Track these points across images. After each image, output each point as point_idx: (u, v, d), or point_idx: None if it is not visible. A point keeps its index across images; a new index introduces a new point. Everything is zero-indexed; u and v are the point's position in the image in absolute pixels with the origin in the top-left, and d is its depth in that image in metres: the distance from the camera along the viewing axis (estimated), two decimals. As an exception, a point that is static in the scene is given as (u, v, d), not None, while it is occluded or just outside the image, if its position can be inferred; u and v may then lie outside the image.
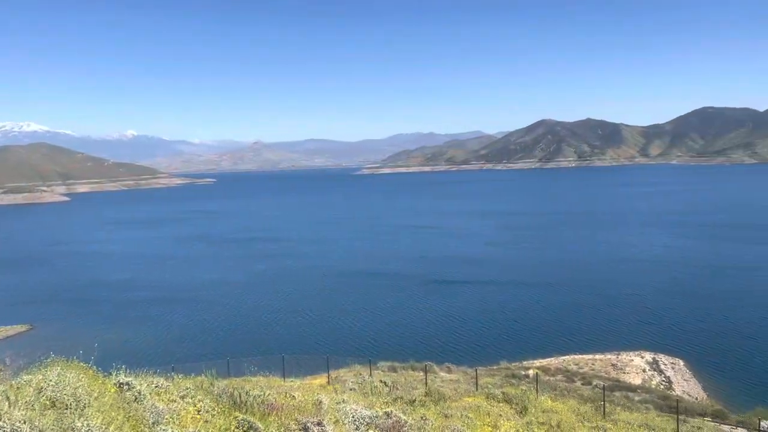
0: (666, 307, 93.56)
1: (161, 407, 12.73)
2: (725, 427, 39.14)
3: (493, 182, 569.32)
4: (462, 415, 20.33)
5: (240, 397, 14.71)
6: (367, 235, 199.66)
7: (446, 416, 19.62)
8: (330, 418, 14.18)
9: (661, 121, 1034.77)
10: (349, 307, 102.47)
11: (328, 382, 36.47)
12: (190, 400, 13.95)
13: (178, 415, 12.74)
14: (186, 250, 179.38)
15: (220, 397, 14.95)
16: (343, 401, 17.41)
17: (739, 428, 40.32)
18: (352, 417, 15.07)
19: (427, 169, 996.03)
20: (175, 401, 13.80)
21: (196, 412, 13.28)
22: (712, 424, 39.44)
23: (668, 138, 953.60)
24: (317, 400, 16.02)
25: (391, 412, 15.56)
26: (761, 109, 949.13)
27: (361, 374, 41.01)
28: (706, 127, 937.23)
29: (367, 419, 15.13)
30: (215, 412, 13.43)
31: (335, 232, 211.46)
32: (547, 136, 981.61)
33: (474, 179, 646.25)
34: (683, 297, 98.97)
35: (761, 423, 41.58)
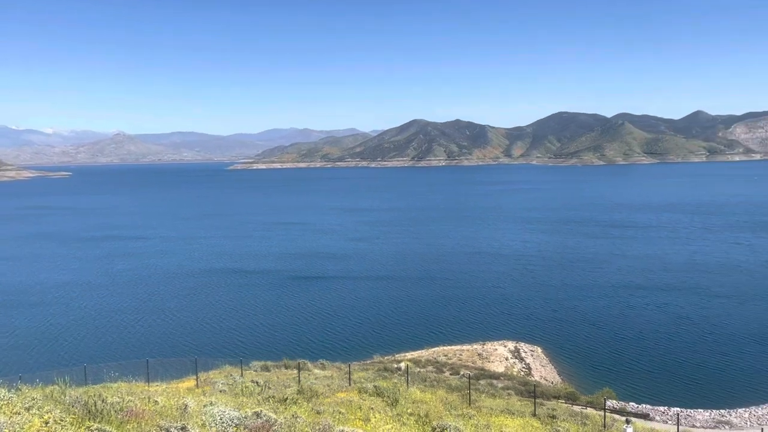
0: (525, 297, 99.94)
1: (1, 420, 11.48)
2: (576, 408, 42.33)
3: (367, 179, 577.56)
4: (334, 410, 20.31)
5: (95, 405, 13.62)
6: (237, 232, 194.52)
7: (318, 413, 19.49)
8: (195, 422, 13.54)
9: (523, 124, 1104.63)
10: (218, 307, 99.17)
11: (197, 385, 34.99)
12: (36, 412, 12.71)
13: (21, 428, 11.54)
14: (33, 250, 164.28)
15: (73, 406, 13.75)
16: (211, 403, 16.71)
17: (588, 408, 43.72)
18: (220, 419, 14.49)
19: (302, 165, 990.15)
20: (18, 414, 12.51)
21: (43, 424, 12.11)
22: (566, 405, 42.60)
23: (529, 140, 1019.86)
24: (182, 404, 15.26)
25: (261, 411, 15.15)
26: (609, 116, 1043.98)
27: (232, 375, 39.78)
28: (562, 130, 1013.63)
29: (235, 420, 14.62)
30: (65, 423, 12.32)
31: (203, 230, 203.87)
32: (419, 136, 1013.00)
33: (349, 176, 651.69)
34: (540, 288, 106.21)
35: (606, 402, 45.61)
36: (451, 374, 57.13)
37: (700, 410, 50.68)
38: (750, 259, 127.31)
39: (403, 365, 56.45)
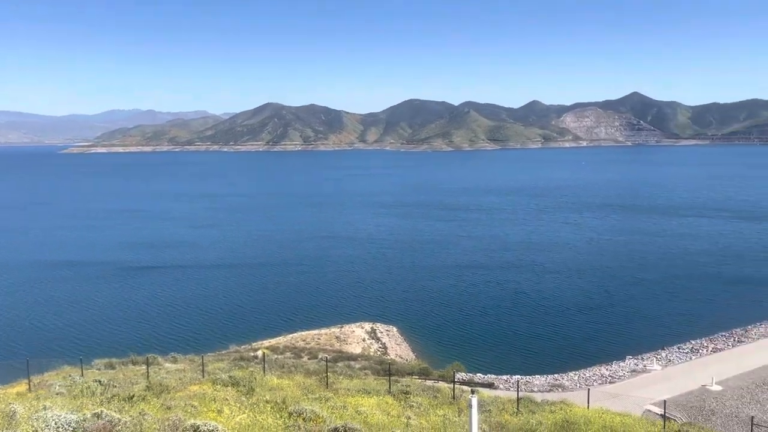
0: (380, 280, 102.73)
1: None
2: (429, 382, 44.39)
3: (219, 164, 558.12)
4: (186, 404, 19.49)
5: None
6: (72, 222, 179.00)
7: (168, 408, 18.60)
8: (25, 430, 12.28)
9: (378, 110, 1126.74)
10: (52, 303, 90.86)
11: (29, 389, 31.86)
12: None
13: None
14: None
15: None
16: (45, 408, 15.27)
17: (440, 382, 46.01)
18: (55, 424, 13.28)
19: (148, 149, 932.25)
20: None
21: None
22: (419, 381, 44.57)
23: (383, 126, 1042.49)
24: (10, 411, 13.78)
25: (102, 412, 14.12)
26: (456, 104, 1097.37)
27: (71, 376, 36.70)
28: (414, 117, 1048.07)
29: (72, 424, 13.48)
30: None
31: (31, 220, 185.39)
32: (274, 120, 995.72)
33: (199, 161, 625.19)
34: (393, 270, 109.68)
35: (456, 375, 48.31)
36: (309, 359, 57.26)
37: (537, 376, 55.43)
38: (577, 237, 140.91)
39: (260, 353, 55.60)
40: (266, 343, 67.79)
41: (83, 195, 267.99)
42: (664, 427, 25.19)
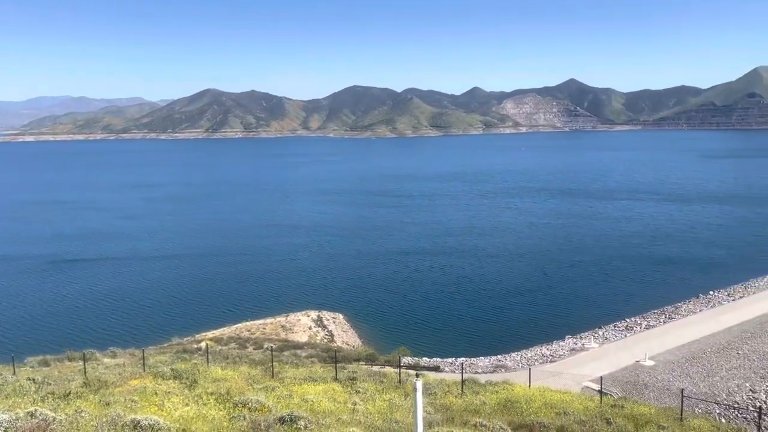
0: (325, 267, 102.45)
1: None
2: (375, 368, 44.67)
3: (157, 152, 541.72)
4: (126, 399, 18.94)
5: None
6: None
7: (107, 404, 18.02)
8: (-49, 434, 11.65)
9: (320, 97, 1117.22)
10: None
11: (-44, 391, 30.23)
12: None
13: None
14: None
15: None
16: (-28, 410, 14.51)
17: (387, 367, 46.39)
18: (-16, 426, 12.66)
19: (80, 137, 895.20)
20: None
21: None
22: (366, 367, 44.78)
23: (326, 113, 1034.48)
24: (-67, 414, 13.03)
25: (36, 410, 13.55)
26: (399, 90, 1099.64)
27: (2, 374, 35.09)
28: (357, 103, 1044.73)
29: (5, 424, 12.89)
30: None
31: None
32: (213, 106, 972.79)
33: (135, 149, 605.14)
34: (339, 257, 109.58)
35: (402, 359, 48.84)
36: (254, 349, 56.62)
37: (481, 358, 56.63)
38: (517, 221, 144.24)
39: (203, 345, 54.59)
40: (210, 334, 66.63)
41: (10, 186, 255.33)
42: (601, 402, 26.20)
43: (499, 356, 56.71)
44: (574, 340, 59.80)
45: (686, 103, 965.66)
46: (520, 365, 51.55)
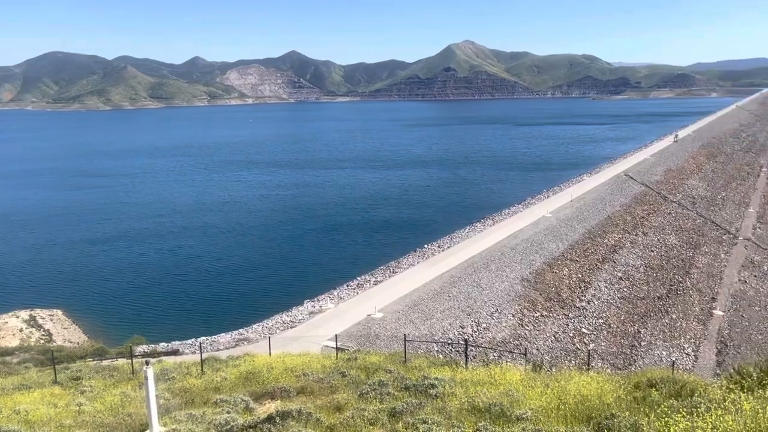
0: (34, 261, 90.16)
1: None
2: (106, 362, 41.11)
3: None
4: None
5: None
6: None
7: None
8: None
9: (11, 64, 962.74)
10: None
11: None
12: None
13: None
14: None
15: None
16: None
17: (119, 359, 43.03)
18: None
19: None
20: None
21: None
22: (94, 363, 40.89)
23: (20, 82, 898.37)
24: None
25: None
26: (110, 58, 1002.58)
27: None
28: (59, 72, 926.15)
29: None
30: None
31: None
32: None
33: None
34: (49, 248, 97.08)
35: (137, 348, 45.87)
36: (-54, 365, 47.60)
37: (222, 334, 55.81)
38: (248, 194, 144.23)
39: None
40: None
41: None
42: (337, 358, 27.97)
43: (240, 330, 56.52)
44: (313, 303, 62.39)
45: (396, 76, 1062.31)
46: (262, 336, 52.15)
